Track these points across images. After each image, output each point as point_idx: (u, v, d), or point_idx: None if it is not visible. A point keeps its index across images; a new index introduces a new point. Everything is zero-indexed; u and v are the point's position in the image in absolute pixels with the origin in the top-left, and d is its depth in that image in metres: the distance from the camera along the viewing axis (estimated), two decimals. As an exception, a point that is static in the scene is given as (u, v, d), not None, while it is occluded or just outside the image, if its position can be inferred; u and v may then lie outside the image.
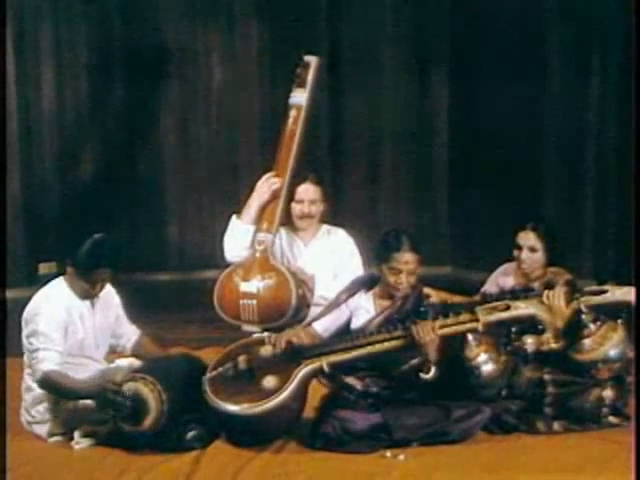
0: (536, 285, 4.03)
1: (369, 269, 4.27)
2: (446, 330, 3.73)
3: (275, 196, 4.80)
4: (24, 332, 3.86)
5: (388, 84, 7.47)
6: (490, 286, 4.37)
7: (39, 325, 3.78)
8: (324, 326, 4.04)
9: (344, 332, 3.98)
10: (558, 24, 6.57)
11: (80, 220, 6.72)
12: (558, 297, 3.83)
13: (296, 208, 4.83)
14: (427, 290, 4.10)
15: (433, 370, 3.71)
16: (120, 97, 7.22)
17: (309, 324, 4.09)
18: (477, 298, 3.90)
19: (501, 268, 4.52)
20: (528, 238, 4.30)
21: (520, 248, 4.32)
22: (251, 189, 4.83)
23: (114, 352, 4.18)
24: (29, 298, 3.93)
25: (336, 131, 7.48)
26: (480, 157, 7.13)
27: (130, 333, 4.18)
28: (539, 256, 4.30)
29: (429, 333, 3.70)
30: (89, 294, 3.92)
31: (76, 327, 3.88)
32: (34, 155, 7.07)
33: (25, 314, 3.87)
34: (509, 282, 4.34)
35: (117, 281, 4.13)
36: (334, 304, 4.05)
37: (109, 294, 4.08)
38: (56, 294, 3.89)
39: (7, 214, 5.96)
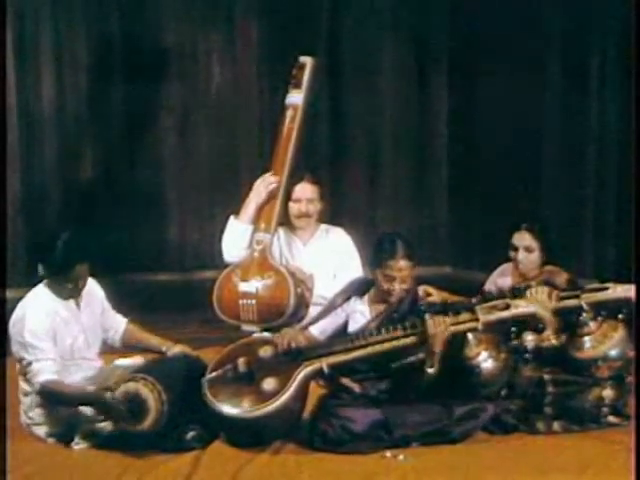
0: (533, 284, 4.03)
1: (367, 270, 4.27)
2: (453, 328, 3.74)
3: (272, 196, 4.81)
4: (12, 345, 3.83)
5: (388, 85, 7.46)
6: (489, 286, 4.38)
7: (25, 337, 3.74)
8: (320, 329, 4.05)
9: (341, 335, 3.98)
10: (558, 25, 6.57)
11: (80, 220, 6.72)
12: (541, 293, 3.84)
13: (294, 207, 4.84)
14: (428, 289, 4.11)
15: (436, 367, 3.71)
16: (120, 97, 7.21)
17: (305, 328, 4.09)
18: (477, 297, 3.90)
19: (499, 268, 4.52)
20: (524, 239, 4.31)
21: (516, 249, 4.33)
22: (250, 189, 4.84)
23: (104, 345, 4.14)
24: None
25: (336, 131, 7.48)
26: (479, 158, 7.13)
27: (117, 324, 4.15)
28: (535, 256, 4.31)
29: (440, 326, 3.70)
30: (72, 293, 3.87)
31: (62, 334, 3.84)
32: (34, 155, 7.06)
33: (10, 326, 3.83)
34: (507, 282, 4.35)
35: (116, 281, 4.12)
36: (329, 308, 4.06)
37: (92, 289, 4.02)
38: (37, 303, 3.84)
39: (7, 214, 5.94)
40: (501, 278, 4.45)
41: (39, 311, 3.80)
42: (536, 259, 4.31)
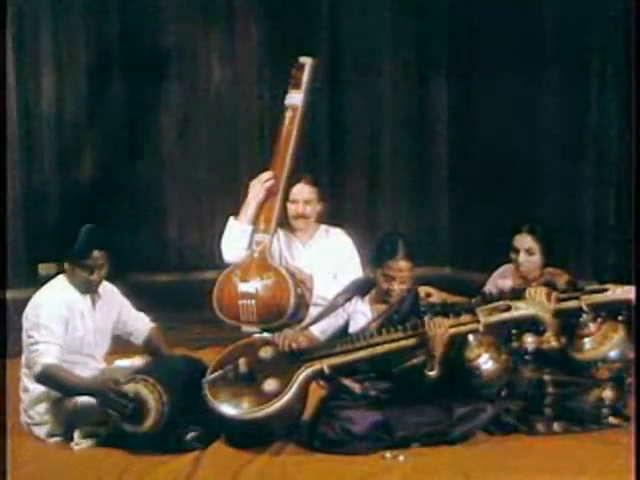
0: (534, 286, 4.04)
1: (367, 270, 4.27)
2: (454, 330, 3.74)
3: (270, 195, 4.82)
4: (25, 325, 3.85)
5: (388, 85, 7.47)
6: (490, 287, 4.37)
7: (40, 318, 3.78)
8: (321, 329, 4.04)
9: (342, 336, 3.97)
10: (557, 25, 6.57)
11: (80, 220, 6.70)
12: (540, 293, 3.85)
13: (291, 208, 4.84)
14: (428, 290, 4.11)
15: (436, 370, 3.71)
16: (120, 97, 7.22)
17: (306, 328, 4.09)
18: (477, 299, 3.89)
19: (500, 270, 4.52)
20: (525, 241, 4.28)
21: (517, 251, 4.31)
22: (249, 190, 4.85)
23: (126, 347, 4.19)
24: (29, 299, 3.92)
25: (336, 132, 7.48)
26: (479, 158, 7.14)
27: (141, 328, 4.16)
28: (536, 258, 4.27)
29: (440, 327, 3.70)
30: (90, 284, 3.90)
31: (76, 324, 3.88)
32: (34, 155, 7.07)
33: (27, 308, 3.87)
34: (508, 284, 4.34)
35: (116, 281, 4.12)
36: (330, 308, 4.05)
37: (111, 293, 4.07)
38: (57, 290, 3.90)
39: (7, 214, 5.95)
40: (502, 279, 4.44)
41: (57, 297, 3.86)
42: (537, 261, 4.28)
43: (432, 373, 3.72)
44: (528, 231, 4.29)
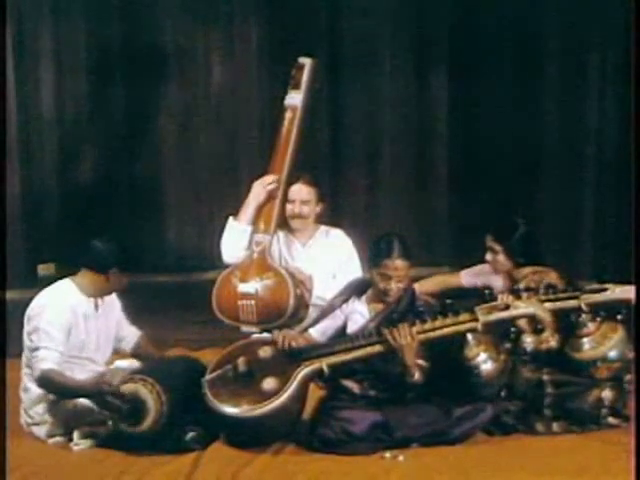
0: (522, 285, 4.06)
1: (366, 270, 4.28)
2: (452, 329, 3.73)
3: (271, 197, 4.82)
4: (26, 329, 3.86)
5: (388, 85, 7.45)
6: (467, 283, 4.55)
7: (42, 323, 3.78)
8: (320, 331, 4.04)
9: (341, 336, 3.97)
10: (558, 25, 6.58)
11: (80, 221, 6.71)
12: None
13: (288, 208, 4.84)
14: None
15: (417, 374, 3.72)
16: (120, 98, 7.21)
17: (305, 330, 4.09)
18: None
19: (477, 267, 4.60)
20: (488, 241, 4.44)
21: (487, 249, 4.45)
22: (249, 190, 4.85)
23: (116, 353, 4.19)
24: (29, 299, 3.93)
25: (336, 132, 7.47)
26: (480, 158, 7.13)
27: (131, 335, 4.19)
28: (501, 257, 4.38)
29: (405, 337, 3.70)
30: (106, 290, 3.95)
31: (79, 328, 3.89)
32: (34, 155, 7.07)
33: (29, 311, 3.87)
34: (496, 281, 4.40)
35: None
36: (328, 309, 4.06)
37: (112, 298, 4.08)
38: (62, 294, 3.90)
39: (7, 214, 5.95)
40: (479, 277, 4.53)
41: (63, 302, 3.86)
42: (503, 260, 4.39)
43: (414, 380, 3.73)
44: (491, 231, 4.41)
